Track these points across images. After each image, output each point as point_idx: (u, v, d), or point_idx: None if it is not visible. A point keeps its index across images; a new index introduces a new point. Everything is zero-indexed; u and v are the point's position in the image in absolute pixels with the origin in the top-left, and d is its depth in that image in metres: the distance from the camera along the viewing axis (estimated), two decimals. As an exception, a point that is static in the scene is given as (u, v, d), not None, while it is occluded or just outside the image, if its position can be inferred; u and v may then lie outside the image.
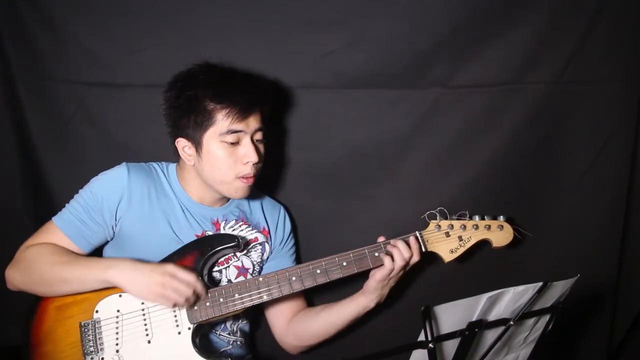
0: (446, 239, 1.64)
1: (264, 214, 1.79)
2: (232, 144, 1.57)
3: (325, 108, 1.84)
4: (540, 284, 1.25)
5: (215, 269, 1.67)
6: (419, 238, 1.62)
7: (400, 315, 1.86)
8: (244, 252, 1.71)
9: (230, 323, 1.71)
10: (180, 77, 1.60)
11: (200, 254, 1.59)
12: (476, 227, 1.65)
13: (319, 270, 1.58)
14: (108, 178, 1.62)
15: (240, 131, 1.56)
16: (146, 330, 1.54)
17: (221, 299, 1.56)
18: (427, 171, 1.87)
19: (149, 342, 1.53)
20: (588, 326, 1.99)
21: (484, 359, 1.32)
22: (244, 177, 1.59)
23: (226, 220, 1.71)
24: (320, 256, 1.60)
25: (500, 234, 1.66)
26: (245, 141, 1.58)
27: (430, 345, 1.20)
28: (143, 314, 1.54)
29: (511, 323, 1.27)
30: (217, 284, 1.66)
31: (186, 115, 1.57)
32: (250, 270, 1.72)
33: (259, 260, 1.75)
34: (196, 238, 1.64)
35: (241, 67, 1.69)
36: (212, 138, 1.56)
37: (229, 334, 1.72)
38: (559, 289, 1.32)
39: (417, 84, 1.81)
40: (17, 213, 1.90)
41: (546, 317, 1.36)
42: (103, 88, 1.82)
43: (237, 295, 1.57)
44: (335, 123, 1.85)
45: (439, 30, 1.75)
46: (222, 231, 1.69)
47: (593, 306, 1.96)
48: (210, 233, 1.67)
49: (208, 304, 1.55)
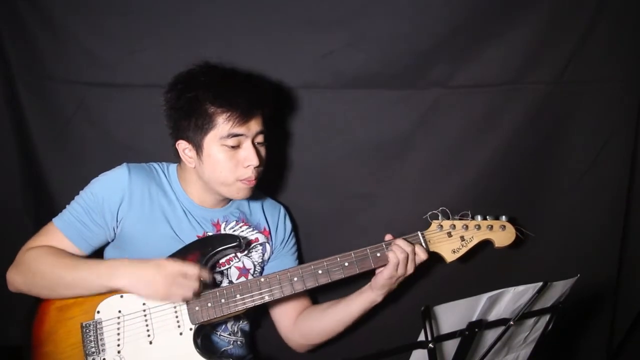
0: (448, 239, 1.64)
1: (264, 214, 1.79)
2: (233, 147, 1.56)
3: (325, 108, 1.84)
4: (540, 284, 1.25)
5: (217, 270, 1.66)
6: (421, 238, 1.62)
7: (400, 315, 1.86)
8: (245, 253, 1.71)
9: (231, 323, 1.71)
10: (180, 78, 1.59)
11: (202, 254, 1.58)
12: (478, 227, 1.65)
13: (320, 271, 1.58)
14: (109, 179, 1.61)
15: (241, 135, 1.56)
16: (147, 331, 1.54)
17: (223, 300, 1.55)
18: (427, 171, 1.87)
19: (150, 343, 1.53)
20: (588, 326, 1.99)
21: (484, 359, 1.32)
22: (246, 180, 1.59)
23: (227, 222, 1.71)
24: (321, 256, 1.60)
25: (502, 234, 1.66)
26: (246, 144, 1.57)
27: (430, 345, 1.21)
28: (144, 315, 1.54)
29: (511, 323, 1.27)
30: (219, 285, 1.66)
31: (187, 118, 1.56)
32: (252, 271, 1.72)
33: (260, 260, 1.75)
34: (197, 238, 1.64)
35: (241, 67, 1.69)
36: (213, 141, 1.55)
37: (230, 334, 1.72)
38: (559, 289, 1.32)
39: (417, 84, 1.81)
40: (17, 213, 1.90)
41: (546, 317, 1.36)
42: (103, 88, 1.82)
43: (239, 296, 1.56)
44: (335, 123, 1.86)
45: (439, 30, 1.75)
46: (223, 232, 1.69)
47: (593, 306, 1.96)
48: (211, 234, 1.67)
49: (210, 304, 1.55)
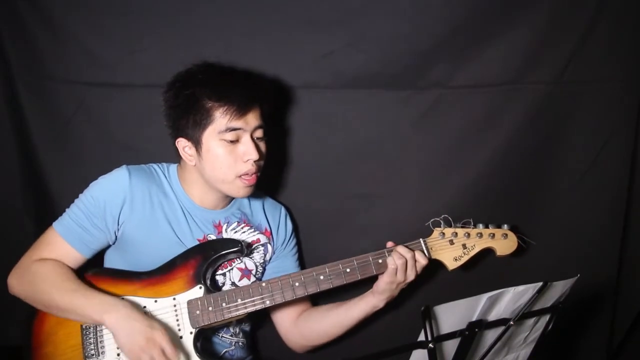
0: (450, 247, 1.64)
1: (265, 215, 1.78)
2: (232, 142, 1.56)
3: (325, 108, 1.84)
4: (540, 284, 1.25)
5: (219, 271, 1.66)
6: (423, 245, 1.62)
7: (400, 315, 1.86)
8: (246, 254, 1.70)
9: (232, 325, 1.71)
10: (178, 77, 1.60)
11: (204, 259, 1.58)
12: (480, 236, 1.65)
13: (322, 277, 1.57)
14: (109, 182, 1.60)
15: (239, 129, 1.55)
16: (148, 333, 1.53)
17: (224, 304, 1.55)
18: (427, 171, 1.87)
19: (150, 346, 1.53)
20: (588, 326, 1.99)
21: (484, 359, 1.32)
22: (246, 177, 1.58)
23: (228, 223, 1.71)
24: (322, 256, 1.60)
25: (504, 243, 1.66)
26: (245, 139, 1.57)
27: (430, 345, 1.21)
28: (144, 318, 1.54)
29: (511, 323, 1.27)
30: (221, 287, 1.66)
31: (185, 115, 1.56)
32: (254, 272, 1.72)
33: (262, 261, 1.74)
34: (199, 242, 1.64)
35: (241, 67, 1.69)
36: (212, 136, 1.55)
37: (231, 335, 1.71)
38: (559, 289, 1.32)
39: (417, 84, 1.80)
40: (17, 213, 1.90)
41: (546, 317, 1.36)
42: (103, 88, 1.82)
43: (240, 301, 1.56)
44: (335, 123, 1.85)
45: (439, 30, 1.75)
46: (225, 233, 1.69)
47: (593, 306, 1.96)
48: (212, 236, 1.67)
49: (211, 308, 1.54)
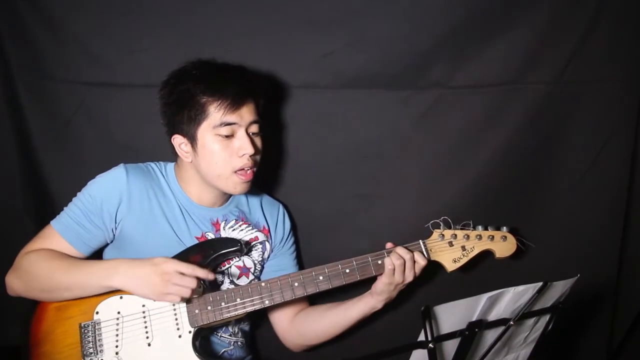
0: (449, 249, 1.64)
1: (263, 212, 1.79)
2: (227, 137, 1.56)
3: (325, 108, 1.84)
4: (540, 284, 1.25)
5: (217, 270, 1.66)
6: (423, 247, 1.63)
7: (400, 316, 1.86)
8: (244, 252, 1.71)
9: (231, 324, 1.71)
10: (173, 75, 1.61)
11: (203, 258, 1.58)
12: (479, 237, 1.65)
13: (321, 277, 1.57)
14: (106, 180, 1.60)
15: (233, 123, 1.56)
16: (146, 332, 1.53)
17: (223, 303, 1.55)
18: (427, 171, 1.87)
19: (149, 345, 1.53)
20: (588, 326, 1.99)
21: (484, 359, 1.32)
22: (242, 172, 1.59)
23: (226, 221, 1.71)
24: (321, 255, 1.60)
25: (503, 245, 1.66)
26: (240, 133, 1.57)
27: (430, 345, 1.20)
28: (144, 317, 1.54)
29: (511, 323, 1.27)
30: (220, 285, 1.66)
31: (180, 111, 1.57)
32: (252, 270, 1.72)
33: (260, 259, 1.75)
34: (197, 239, 1.64)
35: (235, 63, 1.69)
36: (207, 131, 1.56)
37: (230, 335, 1.72)
38: (559, 289, 1.32)
39: (417, 84, 1.81)
40: (17, 213, 1.90)
41: (546, 317, 1.36)
42: (103, 88, 1.82)
43: (239, 300, 1.56)
44: (335, 123, 1.85)
45: (439, 30, 1.75)
46: (222, 231, 1.69)
47: (593, 306, 1.96)
48: (210, 234, 1.67)
49: (210, 307, 1.55)
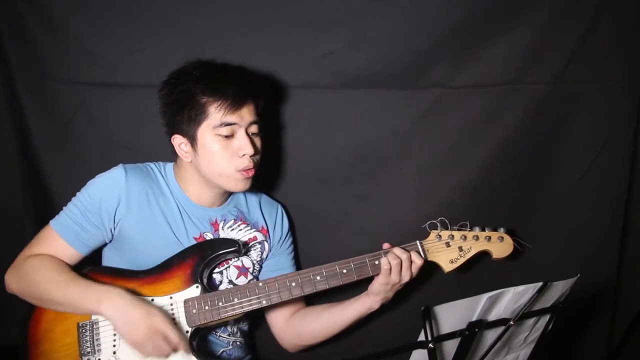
0: (446, 249, 1.64)
1: (262, 212, 1.79)
2: (227, 137, 1.56)
3: (325, 108, 1.84)
4: (540, 284, 1.24)
5: (216, 270, 1.66)
6: (420, 247, 1.63)
7: (400, 315, 1.86)
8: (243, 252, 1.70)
9: (230, 324, 1.71)
10: (173, 75, 1.61)
11: (201, 258, 1.58)
12: (476, 238, 1.65)
13: (318, 277, 1.58)
14: (105, 180, 1.61)
15: (233, 124, 1.56)
16: (145, 332, 1.53)
17: (220, 303, 1.55)
18: (427, 171, 1.87)
19: (147, 344, 1.53)
20: (588, 326, 1.99)
21: (484, 359, 1.32)
22: (244, 170, 1.59)
23: (225, 220, 1.71)
24: (320, 255, 1.60)
25: (500, 246, 1.66)
26: (240, 134, 1.57)
27: (430, 345, 1.20)
28: (142, 316, 1.54)
29: (511, 323, 1.27)
30: (218, 285, 1.66)
31: (180, 111, 1.57)
32: (251, 270, 1.72)
33: (259, 259, 1.75)
34: (195, 240, 1.64)
35: (236, 64, 1.68)
36: (207, 131, 1.56)
37: (229, 335, 1.71)
38: (559, 289, 1.32)
39: (417, 84, 1.80)
40: (17, 213, 1.90)
41: (546, 317, 1.36)
42: (103, 88, 1.82)
43: (237, 300, 1.56)
44: (335, 123, 1.85)
45: (439, 30, 1.75)
46: (221, 231, 1.69)
47: (593, 306, 1.95)
48: (209, 234, 1.67)
49: (207, 307, 1.54)
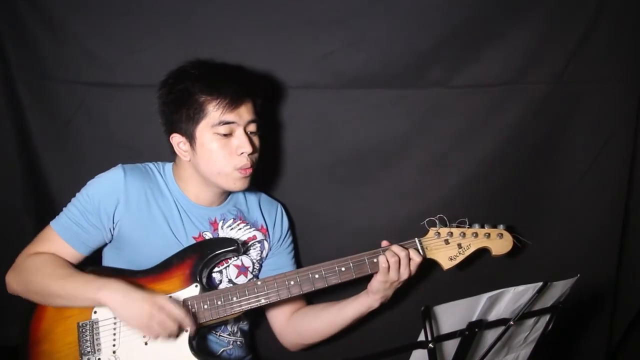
0: (445, 247, 1.64)
1: (261, 211, 1.79)
2: (225, 135, 1.56)
3: (325, 108, 1.84)
4: (540, 284, 1.24)
5: (215, 269, 1.66)
6: (418, 244, 1.62)
7: (400, 315, 1.86)
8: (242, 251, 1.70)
9: (230, 324, 1.71)
10: (171, 74, 1.61)
11: (200, 258, 1.59)
12: (475, 235, 1.65)
13: (317, 275, 1.58)
14: (104, 180, 1.61)
15: (232, 122, 1.56)
16: (144, 331, 1.54)
17: (219, 302, 1.55)
18: (427, 171, 1.87)
19: (145, 344, 1.53)
20: (588, 326, 1.99)
21: (484, 359, 1.32)
22: (242, 169, 1.59)
23: (224, 220, 1.71)
24: (319, 255, 1.60)
25: (499, 243, 1.66)
26: (238, 132, 1.58)
27: (430, 345, 1.20)
28: (142, 315, 1.54)
29: (511, 323, 1.27)
30: (218, 285, 1.66)
31: (178, 110, 1.57)
32: (250, 269, 1.72)
33: (259, 258, 1.75)
34: (194, 240, 1.64)
35: (234, 63, 1.69)
36: (205, 130, 1.56)
37: (229, 334, 1.72)
38: (559, 289, 1.32)
39: (417, 84, 1.80)
40: (17, 213, 1.90)
41: (546, 317, 1.36)
42: (103, 88, 1.82)
43: (236, 299, 1.56)
44: (335, 123, 1.85)
45: (439, 30, 1.75)
46: (220, 230, 1.69)
47: (593, 306, 1.95)
48: (208, 233, 1.67)
49: (206, 306, 1.55)
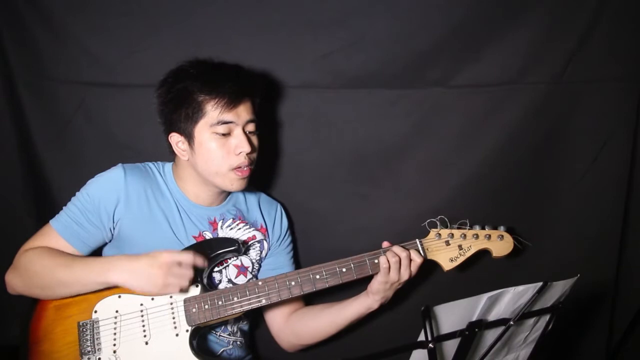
0: (446, 248, 1.64)
1: (261, 211, 1.79)
2: (224, 135, 1.57)
3: (325, 108, 1.84)
4: (540, 284, 1.24)
5: (215, 269, 1.66)
6: (419, 245, 1.63)
7: (400, 315, 1.86)
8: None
9: (230, 324, 1.71)
10: (170, 74, 1.62)
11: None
12: (476, 237, 1.65)
13: (318, 276, 1.58)
14: (104, 180, 1.61)
15: (230, 122, 1.56)
16: (144, 331, 1.53)
17: (220, 302, 1.55)
18: (427, 171, 1.87)
19: (146, 344, 1.53)
20: (588, 326, 1.99)
21: (484, 359, 1.32)
22: (239, 169, 1.59)
23: (223, 219, 1.71)
24: (319, 255, 1.60)
25: (500, 244, 1.66)
26: (237, 132, 1.58)
27: (430, 345, 1.20)
28: (141, 315, 1.54)
29: (511, 323, 1.27)
30: (217, 284, 1.66)
31: (177, 109, 1.58)
32: (250, 269, 1.72)
33: (258, 258, 1.75)
34: (194, 239, 1.64)
35: (232, 62, 1.69)
36: (204, 129, 1.56)
37: (229, 334, 1.72)
38: (559, 289, 1.32)
39: (417, 84, 1.81)
40: (17, 213, 1.90)
41: (546, 317, 1.36)
42: (103, 88, 1.82)
43: (236, 299, 1.56)
44: (335, 123, 1.85)
45: (439, 30, 1.75)
46: (220, 230, 1.69)
47: (592, 306, 1.96)
48: (208, 233, 1.67)
49: (207, 306, 1.55)
